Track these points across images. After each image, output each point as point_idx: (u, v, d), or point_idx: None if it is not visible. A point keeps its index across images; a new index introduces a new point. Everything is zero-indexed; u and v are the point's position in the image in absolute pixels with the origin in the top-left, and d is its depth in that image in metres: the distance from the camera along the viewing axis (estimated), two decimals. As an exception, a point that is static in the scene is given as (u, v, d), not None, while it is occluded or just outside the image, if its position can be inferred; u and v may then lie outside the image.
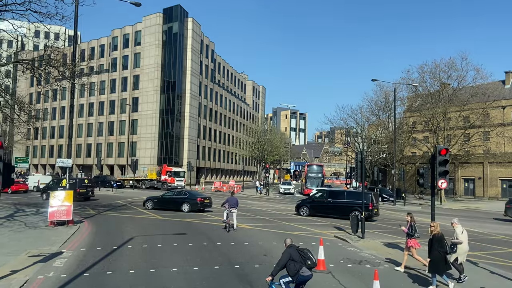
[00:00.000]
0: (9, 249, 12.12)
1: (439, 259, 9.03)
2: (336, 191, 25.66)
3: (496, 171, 48.91)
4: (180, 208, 23.58)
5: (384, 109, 50.31)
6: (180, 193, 25.47)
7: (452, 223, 10.72)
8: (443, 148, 12.08)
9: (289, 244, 7.27)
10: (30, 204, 26.38)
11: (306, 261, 6.91)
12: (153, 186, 47.94)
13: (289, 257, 6.94)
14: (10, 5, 15.50)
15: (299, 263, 6.87)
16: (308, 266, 6.93)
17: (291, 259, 6.92)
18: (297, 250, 7.06)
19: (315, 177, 48.82)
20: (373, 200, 22.44)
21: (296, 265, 6.86)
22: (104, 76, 68.46)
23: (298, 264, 6.86)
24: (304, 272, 6.89)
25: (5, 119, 27.89)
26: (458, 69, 41.34)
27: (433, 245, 9.22)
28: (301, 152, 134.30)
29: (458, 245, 10.16)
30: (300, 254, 6.98)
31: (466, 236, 10.34)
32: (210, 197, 25.66)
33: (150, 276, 9.65)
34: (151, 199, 25.07)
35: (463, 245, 10.13)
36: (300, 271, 6.86)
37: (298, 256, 6.93)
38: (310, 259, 6.96)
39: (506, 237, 18.90)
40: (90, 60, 67.69)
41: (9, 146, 60.22)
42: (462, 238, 10.19)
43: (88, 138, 69.95)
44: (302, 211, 24.05)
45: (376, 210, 22.98)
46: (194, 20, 64.48)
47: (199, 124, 66.59)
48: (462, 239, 10.17)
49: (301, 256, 6.96)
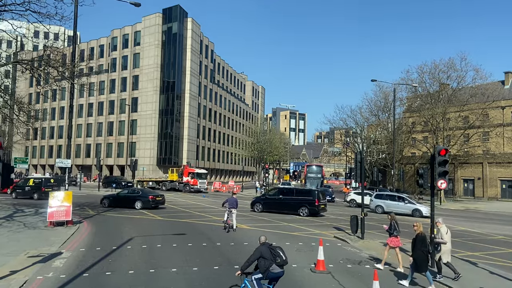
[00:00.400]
0: (8, 250, 12.10)
1: (422, 258, 9.28)
2: (287, 189, 27.43)
3: (496, 172, 48.95)
4: (133, 205, 24.81)
5: (384, 110, 50.37)
6: (133, 191, 27.26)
7: (437, 222, 10.88)
8: (442, 149, 12.07)
9: (262, 242, 7.44)
10: (29, 204, 26.33)
11: (276, 258, 7.08)
12: (174, 187, 46.02)
13: (259, 254, 7.14)
14: (10, 5, 15.49)
15: (269, 260, 7.06)
16: (277, 263, 7.09)
17: (262, 256, 7.11)
18: (269, 248, 7.24)
19: (314, 178, 48.87)
20: (319, 197, 23.93)
21: (266, 262, 7.05)
22: (104, 76, 68.43)
23: (268, 261, 7.05)
24: (274, 269, 7.07)
25: (4, 119, 27.87)
26: (458, 69, 41.40)
27: (417, 244, 9.44)
28: (301, 153, 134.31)
29: (443, 245, 10.34)
30: (271, 252, 7.15)
31: (450, 236, 10.54)
32: (162, 195, 26.81)
33: (149, 277, 9.64)
34: (107, 197, 26.56)
35: (447, 245, 10.34)
36: (270, 268, 7.04)
37: (269, 253, 7.11)
38: (280, 257, 7.12)
39: (505, 238, 18.91)
40: (90, 60, 67.74)
41: (9, 146, 60.22)
42: (446, 238, 10.36)
43: (88, 139, 69.90)
44: (256, 208, 25.34)
45: (322, 206, 24.40)
46: (193, 20, 64.49)
47: (198, 125, 66.59)
48: (446, 239, 10.34)
49: (272, 253, 7.13)
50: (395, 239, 11.48)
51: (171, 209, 25.92)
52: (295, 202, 24.24)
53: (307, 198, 24.06)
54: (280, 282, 9.52)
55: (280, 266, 7.15)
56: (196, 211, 25.13)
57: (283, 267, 7.26)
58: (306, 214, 23.65)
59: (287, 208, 24.24)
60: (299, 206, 23.81)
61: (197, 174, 45.82)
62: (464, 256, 13.60)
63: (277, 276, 7.20)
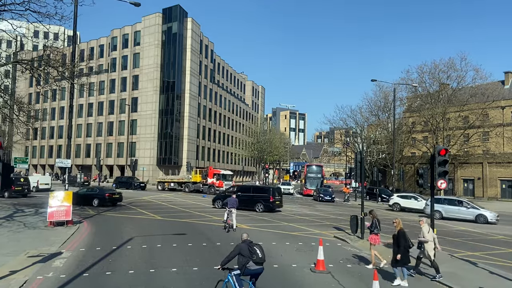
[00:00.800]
0: (8, 250, 12.10)
1: (404, 252, 9.57)
2: (246, 187, 29.67)
3: (496, 171, 48.94)
4: (91, 203, 25.93)
5: (384, 110, 50.37)
6: (92, 189, 28.45)
7: (420, 221, 11.02)
8: (442, 149, 12.09)
9: (244, 239, 7.64)
10: (29, 204, 26.33)
11: (252, 256, 7.28)
12: (198, 189, 43.67)
13: (238, 251, 7.37)
14: (9, 5, 15.48)
15: (246, 257, 7.28)
16: (254, 261, 7.28)
17: (240, 253, 7.34)
18: (248, 245, 7.42)
19: (314, 178, 48.85)
20: (274, 194, 25.39)
21: (243, 259, 7.29)
22: (104, 76, 68.41)
23: (246, 258, 7.28)
24: (251, 266, 7.29)
25: (4, 119, 27.89)
26: (458, 69, 41.43)
27: (400, 240, 9.67)
28: (301, 153, 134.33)
29: (425, 244, 10.48)
30: (249, 249, 7.33)
31: (432, 234, 10.68)
32: (120, 192, 27.99)
33: (149, 277, 9.64)
34: None
35: (430, 244, 10.47)
36: (247, 265, 7.26)
37: (247, 251, 7.30)
38: (257, 255, 7.30)
39: (505, 237, 18.91)
40: (90, 60, 67.71)
41: (9, 146, 60.23)
42: (429, 236, 10.51)
43: (87, 138, 69.89)
44: (216, 204, 27.13)
45: (278, 202, 25.88)
46: (193, 20, 64.47)
47: (198, 124, 66.58)
48: (429, 237, 10.49)
49: (249, 251, 7.32)
50: (375, 237, 11.74)
51: (171, 209, 25.94)
52: (252, 199, 25.59)
53: (262, 195, 25.53)
54: (280, 282, 9.57)
55: (257, 263, 7.32)
56: (196, 211, 25.14)
57: (262, 264, 7.44)
58: (262, 210, 24.94)
59: (245, 204, 24.94)
60: (255, 203, 25.34)
61: (222, 175, 43.75)
62: (464, 256, 13.60)
63: (255, 272, 7.40)
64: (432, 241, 10.49)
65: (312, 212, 27.61)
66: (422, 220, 10.93)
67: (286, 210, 27.54)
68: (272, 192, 25.41)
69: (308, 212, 27.63)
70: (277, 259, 11.88)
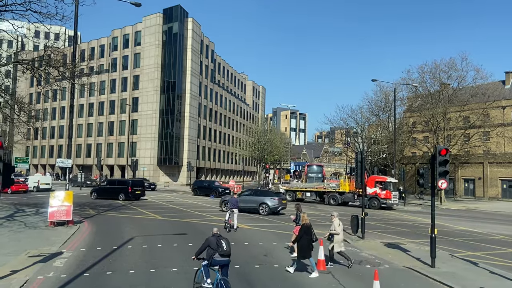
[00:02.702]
0: (9, 249, 12.12)
1: (305, 245, 10.11)
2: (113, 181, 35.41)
3: (496, 171, 48.90)
4: None
5: (384, 109, 50.27)
6: None
7: (331, 216, 11.85)
8: (443, 148, 12.04)
9: (213, 233, 8.29)
10: (30, 204, 26.37)
11: (218, 248, 7.91)
12: (349, 201, 33.98)
13: (207, 244, 8.05)
14: (10, 5, 15.51)
15: (213, 250, 7.94)
16: (220, 253, 7.91)
17: (209, 245, 8.01)
18: (217, 238, 8.05)
19: (315, 177, 48.81)
20: (132, 186, 30.57)
21: (210, 251, 7.97)
22: (104, 76, 68.47)
23: (213, 250, 7.94)
24: (217, 258, 7.94)
25: (5, 119, 27.90)
26: (458, 69, 41.30)
27: (302, 234, 10.28)
28: (301, 152, 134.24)
29: (335, 236, 11.30)
30: (217, 242, 7.96)
31: (342, 227, 11.53)
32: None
33: (150, 276, 9.65)
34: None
35: (339, 236, 11.32)
36: (214, 256, 7.93)
37: (215, 244, 7.94)
38: (222, 248, 7.92)
39: (506, 237, 18.88)
40: (90, 60, 67.66)
41: (9, 146, 60.21)
42: (339, 229, 11.33)
43: (88, 138, 69.95)
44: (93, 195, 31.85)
45: (138, 192, 30.91)
46: (194, 20, 64.48)
47: (199, 124, 66.59)
48: (339, 230, 11.32)
49: (217, 244, 7.94)
50: None
51: (171, 209, 25.95)
52: (115, 190, 30.99)
53: (123, 186, 30.89)
54: (280, 282, 9.57)
55: (222, 255, 7.95)
56: (197, 211, 25.15)
57: (228, 256, 8.11)
58: (123, 199, 30.13)
59: (111, 195, 30.72)
60: (118, 193, 30.61)
61: (388, 184, 32.45)
62: (465, 256, 13.59)
63: (220, 263, 8.01)
64: (342, 234, 11.40)
65: (313, 212, 27.59)
66: (333, 214, 11.76)
67: (286, 210, 27.52)
68: (131, 184, 30.76)
69: (309, 212, 27.54)
70: (277, 259, 11.89)
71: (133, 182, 31.92)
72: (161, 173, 61.09)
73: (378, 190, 32.42)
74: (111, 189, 31.74)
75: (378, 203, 31.87)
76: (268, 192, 27.43)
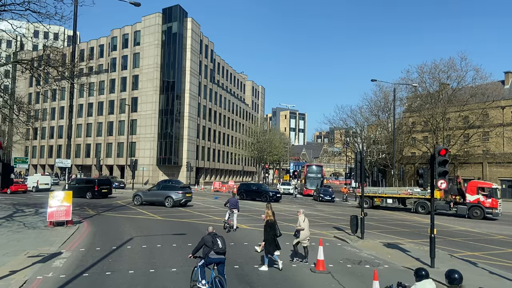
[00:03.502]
0: (8, 250, 12.10)
1: (270, 241, 10.56)
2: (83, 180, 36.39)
3: (496, 171, 48.95)
4: None
5: (384, 110, 50.35)
6: None
7: (298, 212, 12.13)
8: (442, 149, 12.04)
9: (209, 232, 8.42)
10: (29, 204, 26.33)
11: (214, 246, 8.03)
12: (444, 209, 30.02)
13: (203, 242, 8.17)
14: (9, 5, 15.47)
15: (209, 248, 8.06)
16: (215, 250, 8.03)
17: (205, 244, 8.13)
18: (212, 237, 8.18)
19: (314, 177, 48.86)
20: (99, 184, 32.39)
21: (206, 250, 8.10)
22: (103, 76, 68.39)
23: (208, 248, 8.07)
24: (212, 255, 8.06)
25: (4, 119, 27.83)
26: (458, 69, 41.43)
27: (266, 229, 10.77)
28: (301, 152, 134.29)
29: (301, 232, 11.55)
30: (212, 240, 8.09)
31: (307, 224, 11.78)
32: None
33: (149, 277, 9.64)
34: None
35: (304, 231, 11.55)
36: (209, 254, 8.04)
37: (211, 242, 8.07)
38: (217, 245, 8.05)
39: (505, 237, 18.91)
40: (89, 60, 67.67)
41: (8, 146, 60.18)
42: (304, 225, 11.57)
43: (87, 138, 69.86)
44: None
45: (105, 190, 32.78)
46: (193, 20, 64.43)
47: (198, 124, 66.54)
48: (304, 226, 11.57)
49: (212, 242, 8.07)
50: None
51: (171, 209, 25.90)
52: (82, 189, 32.50)
53: (90, 185, 32.78)
54: (281, 282, 9.56)
55: (218, 253, 8.06)
56: (196, 211, 25.12)
57: (224, 254, 8.22)
58: (90, 197, 31.89)
59: (80, 193, 31.54)
60: (85, 192, 32.37)
61: (494, 190, 28.20)
62: (464, 256, 13.60)
63: (215, 261, 8.11)
64: (307, 230, 11.65)
65: (312, 212, 27.60)
66: (299, 211, 12.01)
67: (286, 210, 27.55)
68: (97, 183, 32.58)
69: (308, 212, 27.57)
70: (277, 259, 11.86)
71: (100, 181, 33.71)
72: (160, 173, 60.99)
73: (482, 197, 28.15)
74: (80, 187, 32.79)
75: (481, 213, 27.62)
76: (174, 186, 29.50)
